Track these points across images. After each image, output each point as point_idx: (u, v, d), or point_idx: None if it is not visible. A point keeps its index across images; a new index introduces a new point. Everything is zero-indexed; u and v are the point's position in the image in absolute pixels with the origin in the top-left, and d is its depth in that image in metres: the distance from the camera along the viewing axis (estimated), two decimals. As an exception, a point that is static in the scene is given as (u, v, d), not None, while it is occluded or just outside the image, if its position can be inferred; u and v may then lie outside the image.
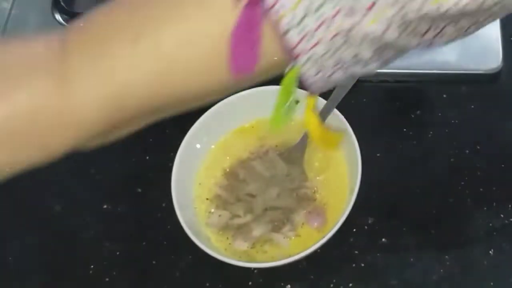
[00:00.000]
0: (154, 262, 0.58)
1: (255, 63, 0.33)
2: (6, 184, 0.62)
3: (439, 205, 0.58)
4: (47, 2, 0.73)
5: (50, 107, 0.32)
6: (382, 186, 0.59)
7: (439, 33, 0.33)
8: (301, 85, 0.34)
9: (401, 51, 0.34)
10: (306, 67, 0.33)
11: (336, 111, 0.56)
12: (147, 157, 0.63)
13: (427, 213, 0.58)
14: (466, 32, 0.34)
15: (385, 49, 0.33)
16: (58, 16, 0.72)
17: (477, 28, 0.34)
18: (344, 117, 0.56)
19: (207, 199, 0.58)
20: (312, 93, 0.36)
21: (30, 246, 0.60)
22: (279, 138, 0.59)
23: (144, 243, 0.59)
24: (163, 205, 0.59)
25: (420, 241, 0.57)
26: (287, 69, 0.33)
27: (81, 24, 0.34)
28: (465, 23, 0.33)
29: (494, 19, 0.34)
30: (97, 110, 0.33)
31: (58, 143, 0.33)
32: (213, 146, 0.60)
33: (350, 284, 0.55)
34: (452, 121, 0.63)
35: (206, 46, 0.32)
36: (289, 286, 0.56)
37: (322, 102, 0.55)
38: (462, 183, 0.59)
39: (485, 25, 0.34)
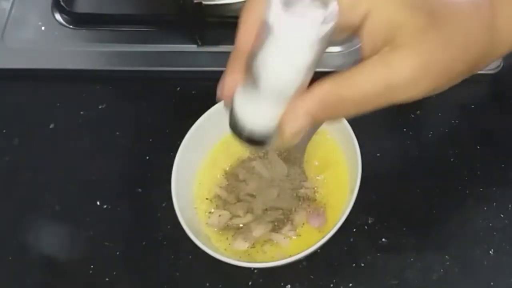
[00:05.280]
0: (154, 262, 0.58)
1: None
2: (6, 184, 0.63)
3: (439, 205, 0.58)
4: (47, 2, 0.73)
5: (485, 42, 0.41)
6: (382, 186, 0.59)
7: None
8: None
9: None
10: None
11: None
12: (147, 157, 0.63)
13: (427, 213, 0.58)
14: None
15: None
16: (58, 16, 0.72)
17: None
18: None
19: (207, 199, 0.58)
20: None
21: (29, 246, 0.59)
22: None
23: (144, 243, 0.59)
24: (163, 205, 0.59)
25: (420, 241, 0.57)
26: None
27: None
28: None
29: None
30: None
31: (484, 65, 0.42)
32: (213, 146, 0.60)
33: (350, 284, 0.55)
34: (452, 121, 0.63)
35: None
36: (289, 286, 0.56)
37: None
38: (462, 183, 0.59)
39: None
